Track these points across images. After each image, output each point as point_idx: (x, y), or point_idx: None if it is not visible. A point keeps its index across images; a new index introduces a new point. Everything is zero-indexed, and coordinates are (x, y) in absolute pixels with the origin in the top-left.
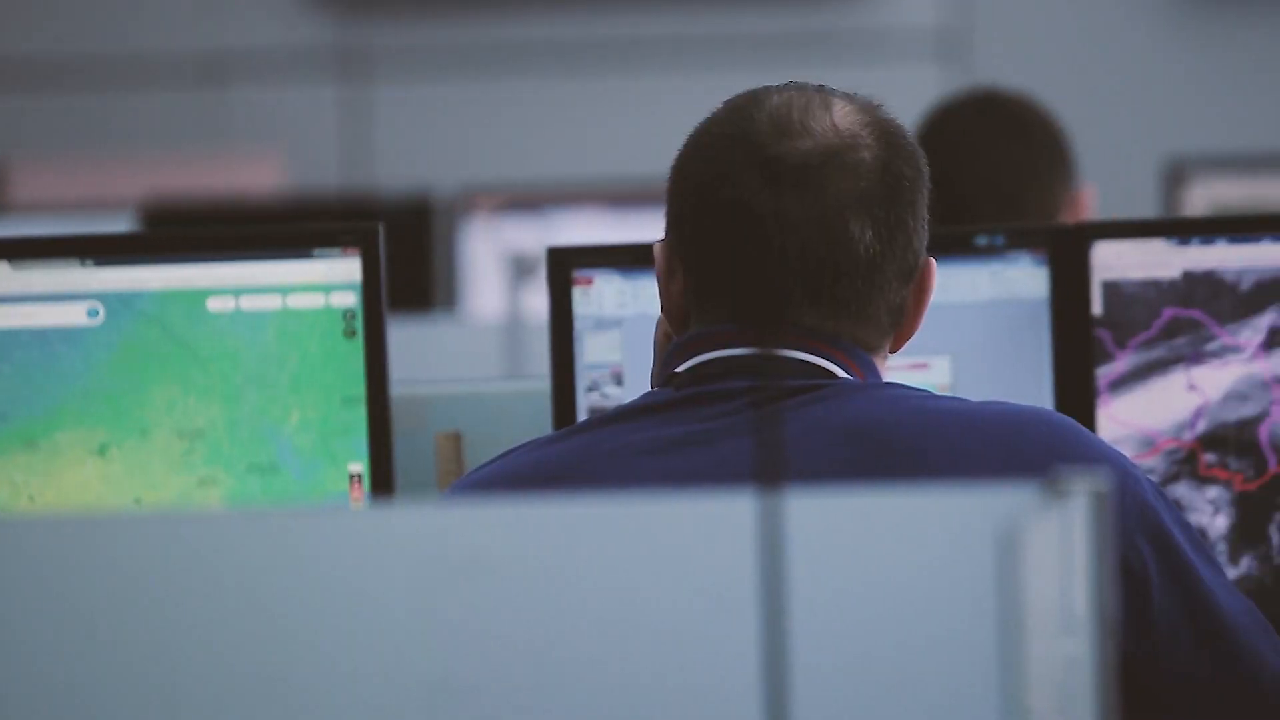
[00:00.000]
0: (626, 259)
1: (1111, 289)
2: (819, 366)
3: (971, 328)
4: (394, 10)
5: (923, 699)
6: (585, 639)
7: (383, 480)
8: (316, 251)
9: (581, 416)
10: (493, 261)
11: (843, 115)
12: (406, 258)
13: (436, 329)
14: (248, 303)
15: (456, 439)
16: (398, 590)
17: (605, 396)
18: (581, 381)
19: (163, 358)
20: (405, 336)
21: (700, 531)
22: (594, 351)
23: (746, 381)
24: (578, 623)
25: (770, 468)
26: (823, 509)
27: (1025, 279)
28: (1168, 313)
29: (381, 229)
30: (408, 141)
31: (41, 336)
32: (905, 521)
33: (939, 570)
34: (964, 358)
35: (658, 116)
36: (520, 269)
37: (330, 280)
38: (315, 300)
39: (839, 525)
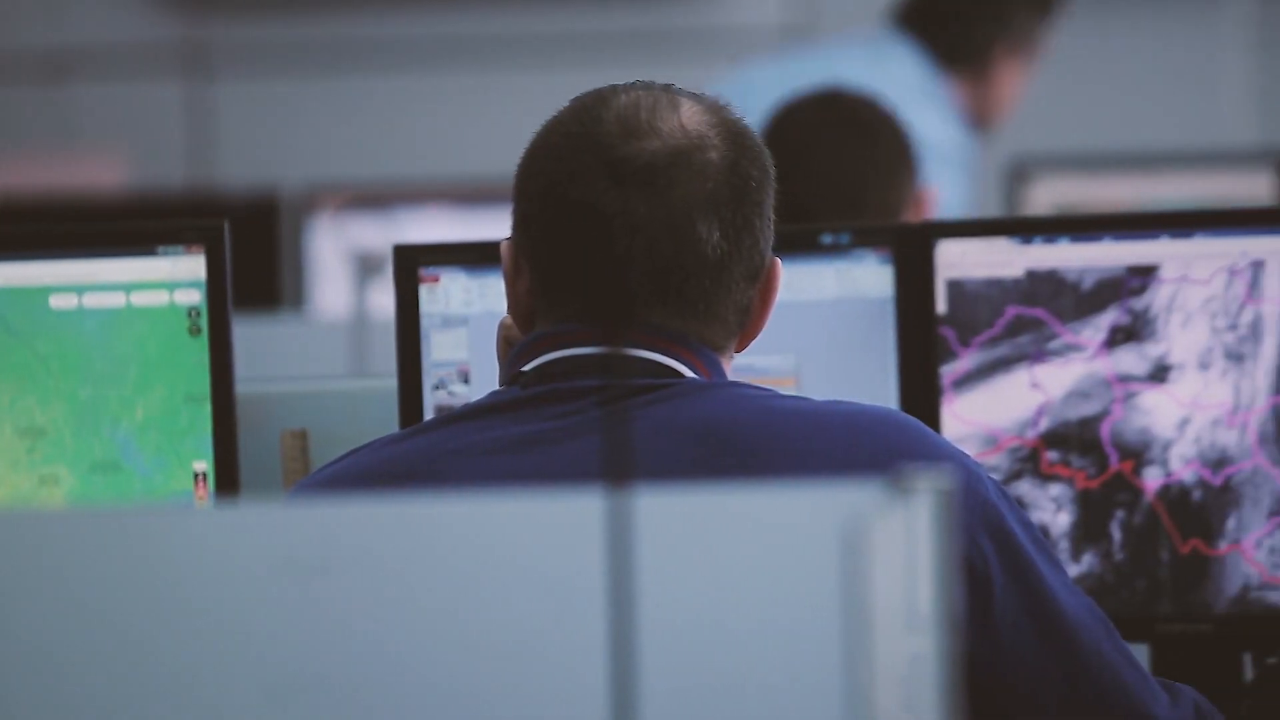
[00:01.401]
0: (473, 257)
1: (955, 287)
2: (666, 366)
3: (817, 326)
4: (238, 7)
5: (770, 696)
6: (432, 639)
7: (227, 479)
8: (161, 249)
9: (428, 415)
10: (339, 259)
11: (690, 115)
12: (252, 255)
13: (282, 327)
14: (91, 300)
15: (302, 437)
16: (241, 589)
17: (452, 394)
18: (428, 379)
19: (3, 355)
20: (251, 334)
21: (548, 530)
22: (441, 349)
23: (594, 380)
24: (424, 622)
25: (618, 467)
26: (671, 508)
27: (870, 277)
28: (1011, 311)
29: (226, 226)
30: (253, 139)
31: None
32: (752, 520)
33: (785, 568)
34: (809, 356)
35: (504, 115)
36: (366, 267)
37: (175, 278)
38: (159, 298)
39: (687, 524)
